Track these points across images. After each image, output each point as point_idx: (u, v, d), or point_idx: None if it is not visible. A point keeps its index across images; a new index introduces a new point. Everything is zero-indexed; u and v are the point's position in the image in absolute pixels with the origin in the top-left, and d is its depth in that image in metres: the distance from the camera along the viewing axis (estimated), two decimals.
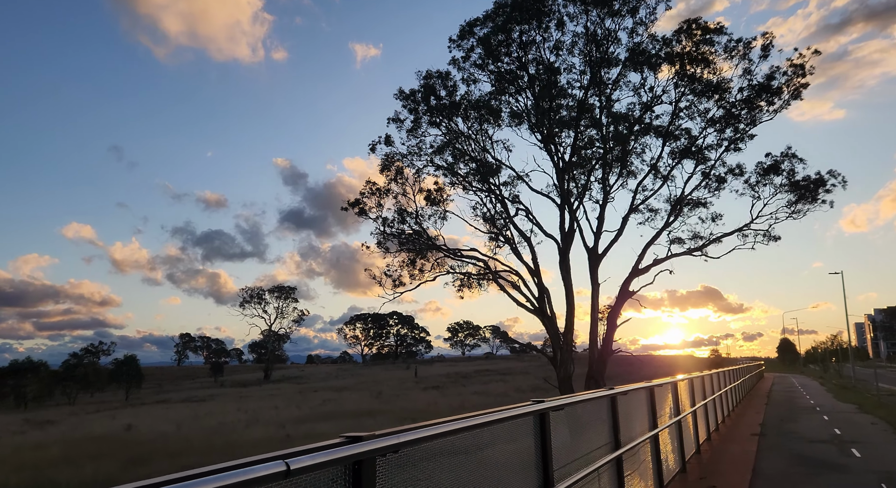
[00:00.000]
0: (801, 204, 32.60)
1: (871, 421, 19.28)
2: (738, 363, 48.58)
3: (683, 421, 11.20)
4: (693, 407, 12.63)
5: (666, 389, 10.26)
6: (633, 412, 7.94)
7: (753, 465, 11.08)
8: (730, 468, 10.88)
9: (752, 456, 12.06)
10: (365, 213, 25.40)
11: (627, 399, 7.45)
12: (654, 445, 8.51)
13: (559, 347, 31.75)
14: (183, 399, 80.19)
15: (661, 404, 9.70)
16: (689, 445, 11.72)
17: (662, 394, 9.99)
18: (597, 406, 6.35)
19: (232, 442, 36.56)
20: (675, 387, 10.80)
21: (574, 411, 5.49)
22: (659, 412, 9.31)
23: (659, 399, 9.49)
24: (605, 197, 32.10)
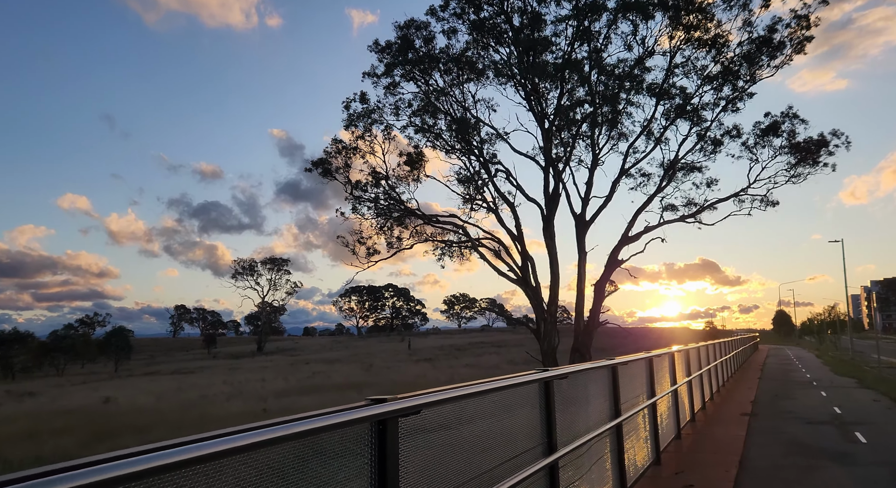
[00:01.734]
0: (802, 167, 30.71)
1: (872, 397, 17.69)
2: (733, 335, 47.16)
3: (660, 403, 9.51)
4: (674, 385, 10.94)
5: (637, 367, 8.53)
6: (587, 397, 6.22)
7: (741, 455, 9.42)
8: (713, 458, 9.21)
9: (740, 443, 10.40)
10: (331, 174, 23.49)
11: (574, 382, 5.70)
12: (614, 438, 6.79)
13: (543, 319, 30.15)
14: (172, 370, 79.68)
15: (630, 386, 7.98)
16: (666, 431, 10.05)
17: (632, 374, 8.27)
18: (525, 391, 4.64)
19: (207, 415, 35.27)
20: (649, 365, 9.07)
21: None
22: (624, 396, 7.58)
23: (626, 380, 7.76)
24: (594, 160, 30.15)
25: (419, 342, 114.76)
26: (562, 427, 5.16)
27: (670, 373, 11.02)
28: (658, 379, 9.63)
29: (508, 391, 4.28)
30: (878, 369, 25.86)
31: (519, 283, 29.48)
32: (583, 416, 5.92)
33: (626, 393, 7.69)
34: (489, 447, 3.94)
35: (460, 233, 28.09)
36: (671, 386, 10.85)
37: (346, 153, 23.35)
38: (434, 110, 27.46)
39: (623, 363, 7.13)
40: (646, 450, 8.46)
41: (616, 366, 6.96)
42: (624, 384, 7.61)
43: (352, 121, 23.52)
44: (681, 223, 32.22)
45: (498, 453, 4.04)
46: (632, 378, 8.22)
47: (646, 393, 8.88)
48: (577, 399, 5.80)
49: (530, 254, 29.84)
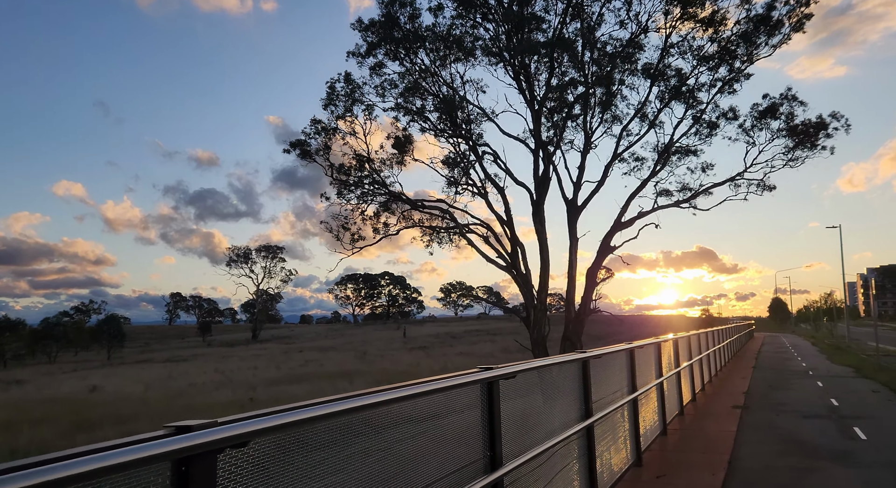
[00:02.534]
0: (800, 150, 29.80)
1: (871, 388, 16.93)
2: (728, 322, 46.52)
3: (643, 399, 8.69)
4: (660, 378, 10.13)
5: (615, 360, 7.70)
6: (551, 397, 5.39)
7: (731, 454, 8.62)
8: (700, 458, 8.41)
9: (730, 440, 9.60)
10: (310, 156, 22.52)
11: (528, 381, 4.85)
12: (584, 442, 5.96)
13: (532, 307, 29.35)
14: (165, 359, 79.47)
15: (606, 381, 7.15)
16: (650, 428, 9.25)
17: (609, 367, 7.44)
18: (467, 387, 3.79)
19: (193, 405, 34.66)
20: (630, 357, 8.24)
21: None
22: (599, 393, 6.76)
23: (601, 374, 6.94)
24: (586, 143, 29.20)
25: (415, 330, 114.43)
26: (512, 436, 4.33)
27: (656, 365, 10.21)
28: (641, 371, 8.82)
29: (431, 397, 3.43)
30: (876, 357, 25.14)
31: (508, 270, 28.65)
32: (544, 420, 5.08)
33: (601, 389, 6.86)
34: (399, 472, 3.10)
35: (447, 219, 27.20)
36: (657, 378, 10.05)
37: (326, 134, 22.39)
38: (422, 91, 26.45)
39: (596, 356, 6.28)
40: (625, 452, 7.65)
41: (587, 361, 6.12)
42: (599, 379, 6.79)
43: (331, 100, 22.52)
44: (675, 208, 31.41)
45: (415, 476, 3.20)
46: (609, 372, 7.39)
47: (626, 389, 8.06)
48: (534, 401, 4.96)
49: (520, 240, 29.00)
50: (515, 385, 4.56)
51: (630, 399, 7.86)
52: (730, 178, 31.08)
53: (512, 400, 4.45)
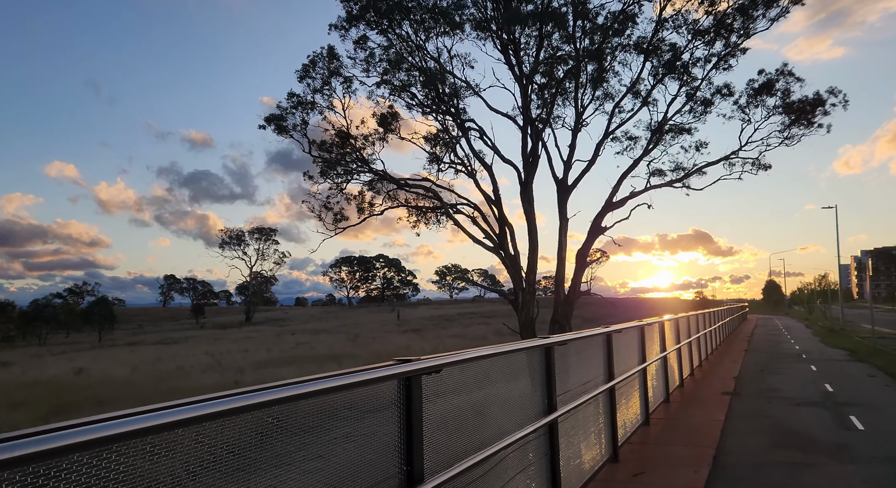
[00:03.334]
0: (796, 127, 28.97)
1: (867, 372, 16.27)
2: (722, 305, 45.98)
3: (622, 387, 7.94)
4: (644, 363, 9.39)
5: (589, 346, 6.93)
6: (507, 393, 4.62)
7: (717, 448, 7.90)
8: (683, 453, 7.68)
9: (717, 431, 8.89)
10: (286, 132, 21.57)
11: (468, 373, 4.06)
12: (545, 441, 5.20)
13: (521, 289, 28.63)
14: (157, 341, 79.29)
15: (578, 370, 6.38)
16: (630, 419, 8.51)
17: (583, 355, 6.67)
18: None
19: (177, 388, 34.15)
20: (607, 343, 7.46)
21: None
22: (568, 384, 6.00)
23: (572, 363, 6.17)
24: (577, 120, 28.28)
25: (409, 312, 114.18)
26: (443, 443, 3.55)
27: (639, 350, 9.47)
28: (621, 358, 8.06)
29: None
30: (872, 339, 24.51)
31: (496, 252, 27.88)
32: (492, 421, 4.31)
33: (570, 379, 6.09)
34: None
35: (430, 197, 26.37)
36: (639, 364, 9.31)
37: (303, 108, 21.41)
38: (407, 66, 25.42)
39: (561, 343, 5.49)
40: (598, 447, 6.90)
41: (550, 348, 5.33)
42: (567, 368, 6.01)
43: (307, 72, 21.48)
44: (669, 188, 30.64)
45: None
46: (581, 359, 6.62)
47: (602, 377, 7.30)
48: (481, 398, 4.18)
49: (509, 220, 28.20)
50: (452, 380, 3.78)
51: (605, 388, 7.10)
52: (724, 157, 30.29)
53: (446, 398, 3.67)
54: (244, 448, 2.32)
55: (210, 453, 2.16)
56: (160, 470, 1.99)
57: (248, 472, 2.31)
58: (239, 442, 2.30)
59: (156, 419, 1.87)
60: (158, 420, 1.88)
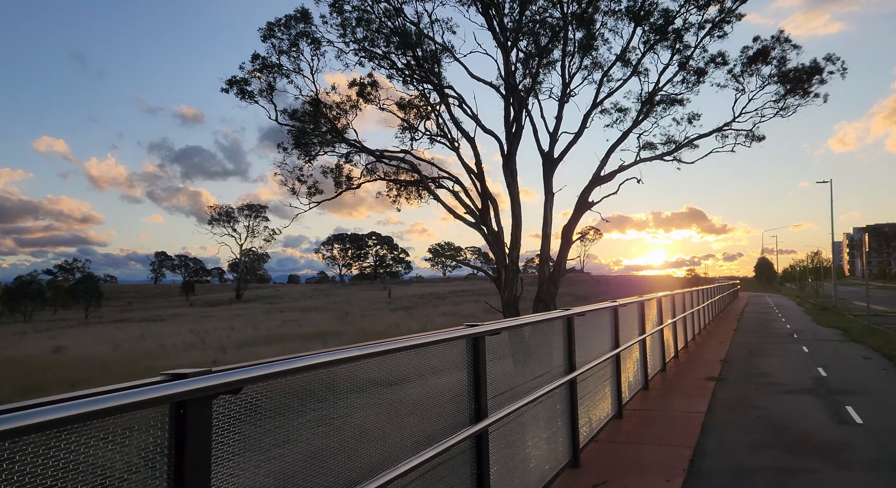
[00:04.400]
0: (792, 97, 27.72)
1: (862, 353, 15.30)
2: (713, 282, 45.12)
3: (586, 379, 6.86)
4: (616, 349, 8.32)
5: (543, 334, 5.82)
6: (427, 388, 3.50)
7: (694, 448, 6.85)
8: (655, 456, 6.63)
9: (697, 426, 7.85)
10: (251, 97, 20.21)
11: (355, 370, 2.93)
12: (472, 455, 4.09)
13: (504, 266, 27.55)
14: (144, 318, 79.01)
15: (530, 362, 5.28)
16: (597, 414, 7.45)
17: (535, 343, 5.57)
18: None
19: (154, 368, 33.41)
20: (568, 328, 6.34)
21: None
22: (519, 378, 4.91)
23: (518, 355, 5.06)
24: (563, 90, 26.89)
25: (401, 290, 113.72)
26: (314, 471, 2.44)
27: (612, 334, 8.38)
28: (586, 345, 6.97)
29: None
30: (867, 317, 23.59)
31: (477, 227, 26.70)
32: (392, 438, 3.19)
33: (516, 375, 4.98)
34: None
35: (409, 170, 25.11)
36: (612, 350, 8.24)
37: (268, 71, 20.02)
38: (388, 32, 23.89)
39: (492, 332, 4.35)
40: (557, 452, 5.84)
41: (480, 338, 4.20)
42: (512, 362, 4.90)
43: (272, 31, 20.01)
44: (659, 162, 29.41)
45: None
46: (533, 350, 5.52)
47: (562, 368, 6.21)
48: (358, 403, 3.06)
49: (492, 195, 26.98)
50: (338, 376, 2.67)
51: (564, 382, 6.00)
52: (717, 129, 29.06)
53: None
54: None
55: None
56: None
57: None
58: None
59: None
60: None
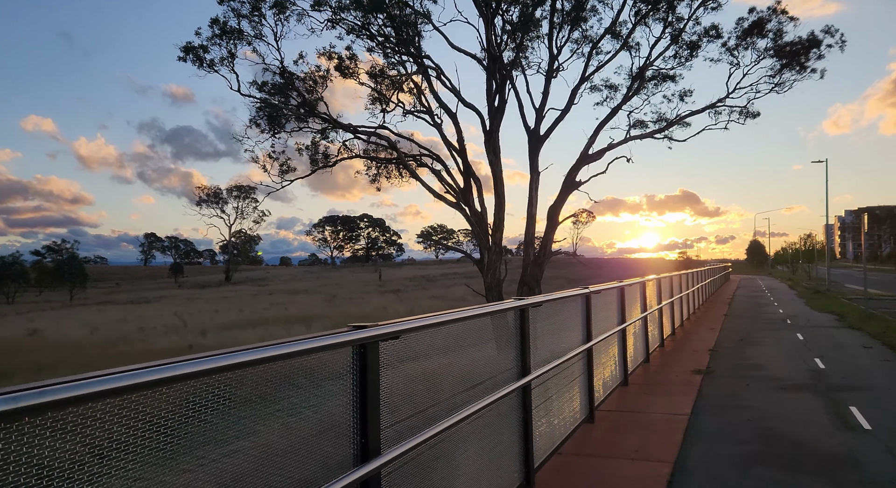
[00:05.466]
0: (788, 72, 26.49)
1: (861, 341, 14.27)
2: (705, 265, 44.21)
3: (544, 382, 5.72)
4: (587, 343, 7.19)
5: (487, 326, 4.66)
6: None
7: (674, 463, 5.73)
8: (626, 473, 5.52)
9: (679, 433, 6.74)
10: (210, 66, 18.73)
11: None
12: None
13: (487, 248, 26.40)
14: (129, 300, 78.26)
15: (481, 365, 4.13)
16: (559, 423, 6.31)
17: (481, 337, 4.41)
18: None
19: (127, 353, 32.54)
20: (520, 320, 5.17)
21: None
22: (456, 385, 3.76)
23: (476, 354, 3.90)
24: (550, 64, 25.58)
25: (392, 273, 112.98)
26: None
27: (583, 326, 7.24)
28: (546, 341, 5.82)
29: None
30: (864, 301, 22.56)
31: (458, 207, 25.49)
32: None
33: (437, 388, 3.83)
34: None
35: (384, 144, 23.84)
36: (584, 343, 7.10)
37: (228, 38, 18.55)
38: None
39: (387, 336, 3.17)
40: (503, 473, 4.71)
41: (371, 344, 3.02)
42: (442, 367, 3.75)
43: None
44: (650, 140, 28.24)
45: None
46: (478, 346, 4.36)
47: (514, 370, 5.06)
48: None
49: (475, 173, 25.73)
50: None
51: (514, 388, 4.85)
52: (710, 105, 27.85)
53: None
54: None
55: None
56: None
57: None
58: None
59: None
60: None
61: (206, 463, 2.20)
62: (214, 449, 2.21)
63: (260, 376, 2.48)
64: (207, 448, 2.21)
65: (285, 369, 2.59)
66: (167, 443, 2.06)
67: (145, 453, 1.99)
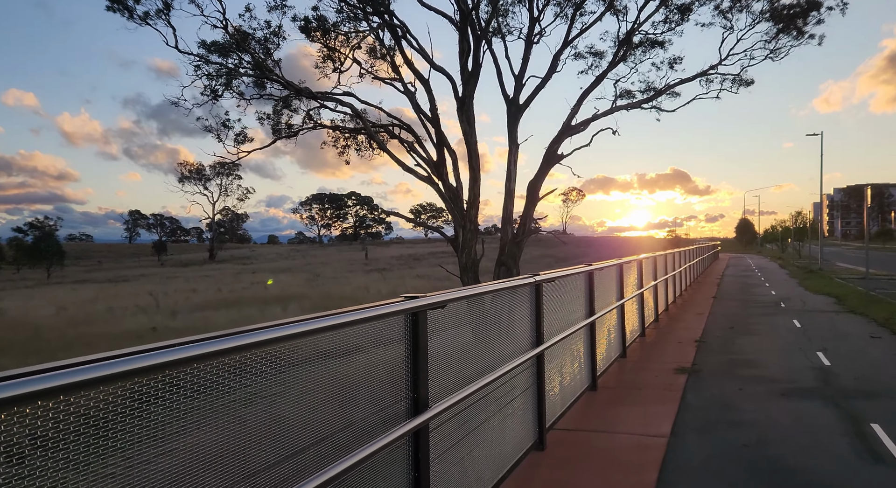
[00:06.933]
0: (785, 36, 24.70)
1: (867, 329, 12.68)
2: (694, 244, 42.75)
3: (469, 406, 4.01)
4: (539, 346, 5.48)
5: (390, 324, 2.94)
6: None
7: None
8: None
9: (652, 469, 5.07)
10: (142, 19, 16.55)
11: None
12: None
13: (461, 226, 24.64)
14: (108, 278, 77.26)
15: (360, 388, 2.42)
16: (494, 452, 4.61)
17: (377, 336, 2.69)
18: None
19: (87, 335, 30.89)
20: (410, 327, 3.44)
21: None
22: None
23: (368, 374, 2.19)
24: (531, 27, 23.63)
25: (379, 251, 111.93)
26: None
27: (531, 326, 5.51)
28: (480, 351, 4.10)
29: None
30: (865, 283, 20.95)
31: (430, 182, 23.65)
32: None
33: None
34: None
35: (348, 112, 21.92)
36: (532, 347, 5.39)
37: None
38: None
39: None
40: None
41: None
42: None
43: None
44: (637, 111, 26.39)
45: None
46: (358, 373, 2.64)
47: (405, 405, 3.33)
48: None
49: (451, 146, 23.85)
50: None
51: (405, 432, 3.14)
52: (702, 72, 25.97)
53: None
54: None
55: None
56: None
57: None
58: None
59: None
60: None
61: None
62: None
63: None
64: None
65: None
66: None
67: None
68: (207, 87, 18.53)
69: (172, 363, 1.89)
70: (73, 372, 1.65)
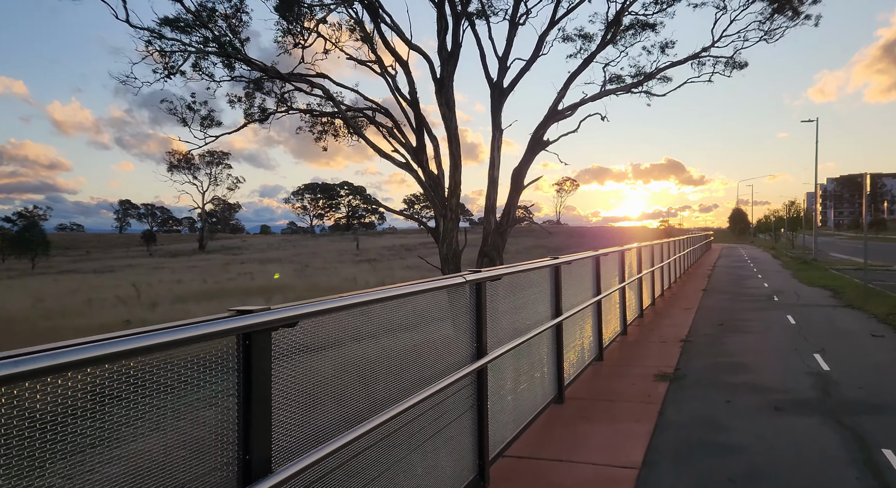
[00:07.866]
0: (780, 16, 23.67)
1: (867, 327, 11.70)
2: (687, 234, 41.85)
3: (394, 431, 2.99)
4: (483, 358, 4.45)
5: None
6: None
7: None
8: None
9: None
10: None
11: None
12: None
13: (442, 215, 23.58)
14: (93, 269, 76.54)
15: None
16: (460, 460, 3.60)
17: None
18: None
19: (59, 328, 29.97)
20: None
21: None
22: None
23: None
24: (516, 4, 22.51)
25: (371, 242, 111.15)
26: None
27: (472, 334, 4.47)
28: (420, 364, 3.06)
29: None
30: (864, 275, 19.91)
31: (408, 168, 22.55)
32: None
33: None
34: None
35: (321, 95, 20.80)
36: (475, 361, 4.36)
37: None
38: None
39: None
40: None
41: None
42: None
43: None
44: (627, 95, 25.35)
45: None
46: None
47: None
48: None
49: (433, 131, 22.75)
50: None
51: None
52: (694, 55, 24.93)
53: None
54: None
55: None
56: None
57: None
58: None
59: None
60: None
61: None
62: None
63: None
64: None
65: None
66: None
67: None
68: (161, 63, 17.28)
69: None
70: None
